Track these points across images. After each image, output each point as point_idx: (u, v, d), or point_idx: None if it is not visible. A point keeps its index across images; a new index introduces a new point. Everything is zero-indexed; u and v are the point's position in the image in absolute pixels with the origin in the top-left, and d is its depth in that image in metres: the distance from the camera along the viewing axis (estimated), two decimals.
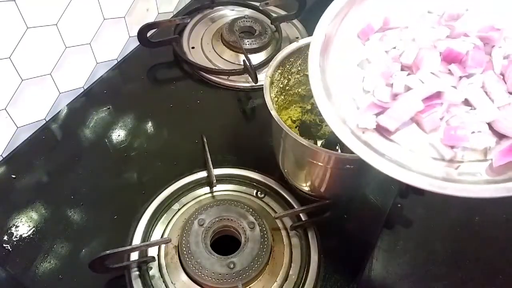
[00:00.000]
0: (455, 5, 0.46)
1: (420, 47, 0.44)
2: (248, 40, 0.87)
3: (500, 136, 0.40)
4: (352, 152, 0.41)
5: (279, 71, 0.62)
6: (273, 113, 0.54)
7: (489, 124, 0.40)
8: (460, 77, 0.42)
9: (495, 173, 0.38)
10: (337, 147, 0.63)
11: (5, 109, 0.66)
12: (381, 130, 0.42)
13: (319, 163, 0.54)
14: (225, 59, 0.87)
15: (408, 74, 0.44)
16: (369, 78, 0.45)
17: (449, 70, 0.43)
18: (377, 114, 0.43)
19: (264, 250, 0.56)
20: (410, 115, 0.41)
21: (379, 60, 0.46)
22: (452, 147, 0.40)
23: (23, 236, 0.60)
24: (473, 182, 0.38)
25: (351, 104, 0.45)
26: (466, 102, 0.42)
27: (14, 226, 0.61)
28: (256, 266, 0.54)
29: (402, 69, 0.45)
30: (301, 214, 0.61)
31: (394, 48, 0.47)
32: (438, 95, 0.41)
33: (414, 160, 0.40)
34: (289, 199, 0.63)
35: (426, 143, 0.41)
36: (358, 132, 0.42)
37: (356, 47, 0.48)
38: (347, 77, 0.46)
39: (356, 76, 0.46)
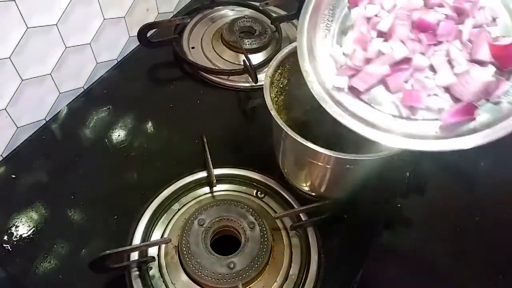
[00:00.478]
0: None
1: (395, 16, 0.48)
2: (248, 40, 0.87)
3: (456, 100, 0.44)
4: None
5: (279, 71, 0.62)
6: (273, 113, 0.54)
7: (448, 89, 0.45)
8: (430, 45, 0.46)
9: (445, 131, 0.43)
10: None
11: (5, 109, 0.66)
12: (353, 91, 0.48)
13: (319, 163, 0.54)
14: (225, 59, 0.87)
15: (384, 41, 0.48)
16: (348, 43, 0.50)
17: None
18: (351, 76, 0.48)
19: (264, 250, 0.56)
20: (378, 78, 0.46)
21: (358, 27, 0.50)
22: (411, 107, 0.45)
23: (23, 236, 0.60)
24: (425, 138, 0.43)
25: (330, 66, 0.50)
26: (433, 68, 0.46)
27: (14, 226, 0.61)
28: (256, 266, 0.54)
29: (381, 36, 0.48)
30: (301, 214, 0.61)
31: (376, 15, 0.50)
32: (407, 61, 0.46)
33: (378, 118, 0.46)
34: (289, 199, 0.63)
35: (391, 103, 0.47)
36: (334, 92, 0.48)
37: (344, 13, 0.53)
38: (331, 41, 0.52)
39: (339, 41, 0.52)
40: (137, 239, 0.59)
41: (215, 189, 0.65)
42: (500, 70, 0.44)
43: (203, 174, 0.66)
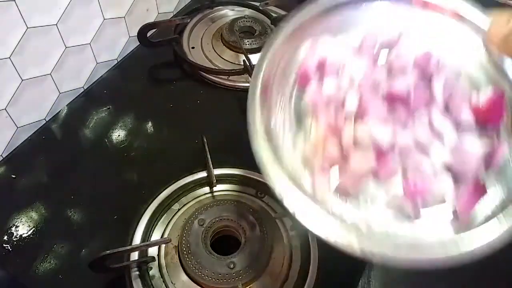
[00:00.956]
0: (387, 32, 0.44)
1: (362, 93, 0.41)
2: (248, 40, 0.87)
3: (455, 176, 0.39)
4: None
5: None
6: None
7: (448, 167, 0.39)
8: (407, 119, 0.40)
9: (461, 221, 0.37)
10: None
11: (5, 109, 0.66)
12: (340, 192, 0.39)
13: None
14: (225, 59, 0.87)
15: (355, 122, 0.40)
16: (314, 133, 0.41)
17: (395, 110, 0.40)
18: (326, 173, 0.39)
19: (264, 250, 0.56)
20: (367, 173, 0.39)
21: (321, 112, 0.41)
22: (412, 199, 0.37)
23: (23, 236, 0.60)
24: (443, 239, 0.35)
25: (298, 157, 0.40)
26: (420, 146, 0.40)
27: (14, 226, 0.61)
28: (256, 266, 0.54)
29: (349, 116, 0.40)
30: None
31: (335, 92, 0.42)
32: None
33: (377, 220, 0.37)
34: None
35: (386, 199, 0.38)
36: (316, 197, 0.38)
37: (295, 94, 0.44)
38: (292, 131, 0.42)
39: (299, 128, 0.42)
40: (137, 239, 0.59)
41: (215, 189, 0.65)
42: (483, 127, 0.40)
43: (203, 174, 0.66)
